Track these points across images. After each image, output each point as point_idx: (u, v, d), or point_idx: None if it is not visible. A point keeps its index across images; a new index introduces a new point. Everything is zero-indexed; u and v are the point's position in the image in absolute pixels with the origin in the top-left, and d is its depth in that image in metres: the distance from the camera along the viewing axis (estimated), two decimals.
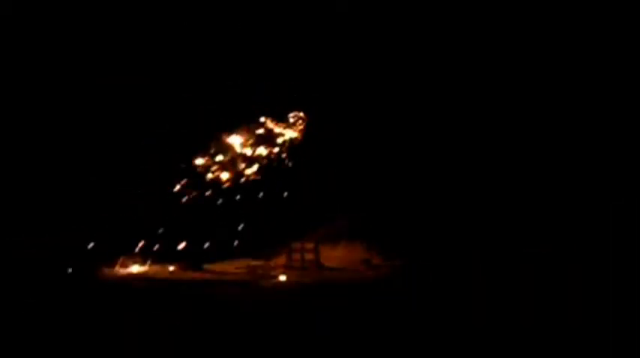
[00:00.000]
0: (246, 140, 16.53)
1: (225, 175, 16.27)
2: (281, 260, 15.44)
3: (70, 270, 13.60)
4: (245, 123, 16.58)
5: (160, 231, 15.30)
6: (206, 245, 15.26)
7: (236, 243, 15.45)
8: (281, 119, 16.88)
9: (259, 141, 16.68)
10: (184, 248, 15.30)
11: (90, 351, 8.03)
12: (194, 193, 16.08)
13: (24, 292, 11.12)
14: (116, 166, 16.19)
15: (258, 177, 16.33)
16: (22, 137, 16.35)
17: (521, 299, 9.74)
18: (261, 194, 16.11)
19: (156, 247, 15.14)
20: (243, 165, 16.40)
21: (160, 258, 15.25)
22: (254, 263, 15.53)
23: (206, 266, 15.13)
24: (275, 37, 16.88)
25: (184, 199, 16.01)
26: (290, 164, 16.52)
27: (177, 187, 16.04)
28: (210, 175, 16.30)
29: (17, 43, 16.57)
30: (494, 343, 8.09)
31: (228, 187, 16.26)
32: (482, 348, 7.97)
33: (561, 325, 8.66)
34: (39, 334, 8.50)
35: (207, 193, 16.15)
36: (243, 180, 16.39)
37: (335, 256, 15.64)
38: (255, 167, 16.44)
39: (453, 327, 8.79)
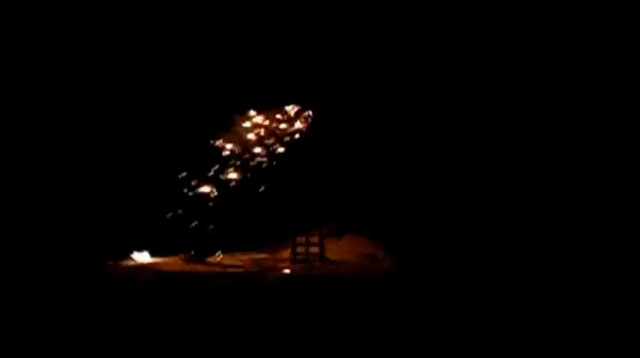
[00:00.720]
0: (252, 132, 16.58)
1: (230, 169, 16.36)
2: (286, 253, 15.50)
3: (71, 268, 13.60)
4: (247, 117, 16.62)
5: (165, 224, 15.36)
6: (211, 238, 15.32)
7: (241, 236, 15.51)
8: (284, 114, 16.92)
9: (264, 134, 16.72)
10: (189, 241, 15.36)
11: (90, 351, 8.03)
12: (198, 187, 16.17)
13: (24, 292, 11.11)
14: (116, 166, 16.19)
15: (265, 167, 16.38)
16: (22, 137, 16.34)
17: (521, 298, 9.75)
18: (266, 187, 16.16)
19: (161, 240, 15.19)
20: (249, 158, 16.47)
21: (164, 251, 15.30)
22: (259, 256, 15.58)
23: (210, 259, 15.17)
24: (275, 37, 16.88)
25: (189, 193, 16.07)
26: (295, 158, 16.55)
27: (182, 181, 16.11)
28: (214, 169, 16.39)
29: (17, 43, 16.56)
30: (494, 342, 8.09)
31: (233, 180, 16.32)
32: (482, 346, 7.97)
33: (561, 325, 8.66)
34: (39, 334, 8.50)
35: (213, 187, 16.23)
36: (248, 174, 16.45)
37: (340, 250, 15.70)
38: (260, 160, 16.49)
39: (453, 324, 8.80)
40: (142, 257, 15.13)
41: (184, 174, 16.12)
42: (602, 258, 12.22)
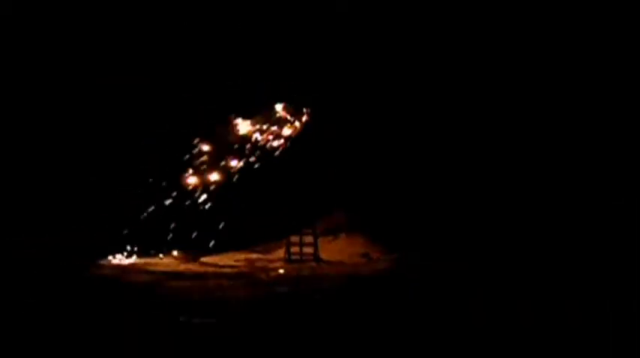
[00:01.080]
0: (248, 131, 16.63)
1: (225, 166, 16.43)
2: (280, 253, 15.49)
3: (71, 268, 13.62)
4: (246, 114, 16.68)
5: (158, 223, 15.38)
6: (204, 237, 15.33)
7: (234, 235, 15.53)
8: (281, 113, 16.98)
9: (261, 133, 16.76)
10: (183, 240, 15.37)
11: (90, 351, 8.03)
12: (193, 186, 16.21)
13: (24, 292, 11.11)
14: (116, 166, 16.21)
15: (259, 166, 16.42)
16: (22, 137, 16.35)
17: (521, 298, 9.75)
18: (260, 186, 16.18)
19: (154, 239, 15.22)
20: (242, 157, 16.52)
21: (158, 251, 15.32)
22: (253, 256, 15.57)
23: (204, 258, 15.16)
24: (275, 37, 16.89)
25: (183, 191, 16.11)
26: (290, 157, 16.57)
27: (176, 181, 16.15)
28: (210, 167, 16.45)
29: (17, 43, 16.56)
30: (493, 341, 8.10)
31: (226, 179, 16.36)
32: (480, 345, 7.98)
33: (560, 324, 8.67)
34: (39, 334, 8.50)
35: (206, 185, 16.28)
36: (240, 174, 16.48)
37: (334, 249, 15.69)
38: (254, 159, 16.54)
39: (451, 323, 8.80)
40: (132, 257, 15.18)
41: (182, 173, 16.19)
42: (602, 258, 12.23)
